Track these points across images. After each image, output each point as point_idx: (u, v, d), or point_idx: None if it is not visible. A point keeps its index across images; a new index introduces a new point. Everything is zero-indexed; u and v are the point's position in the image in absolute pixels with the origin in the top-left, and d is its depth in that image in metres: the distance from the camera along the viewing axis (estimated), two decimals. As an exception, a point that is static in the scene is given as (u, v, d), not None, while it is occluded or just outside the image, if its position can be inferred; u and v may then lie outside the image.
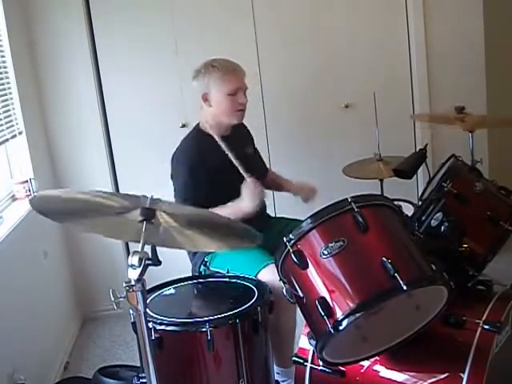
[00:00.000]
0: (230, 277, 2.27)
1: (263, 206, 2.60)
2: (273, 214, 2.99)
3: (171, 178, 2.52)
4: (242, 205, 2.31)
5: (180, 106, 3.41)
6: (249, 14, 3.41)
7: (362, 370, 1.85)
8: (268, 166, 2.96)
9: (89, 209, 1.60)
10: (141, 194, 1.58)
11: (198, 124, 2.55)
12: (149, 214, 1.53)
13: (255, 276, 2.26)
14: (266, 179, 2.76)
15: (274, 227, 2.57)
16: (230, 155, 2.35)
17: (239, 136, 2.62)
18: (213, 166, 2.40)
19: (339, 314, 1.59)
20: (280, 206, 3.34)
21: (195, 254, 2.51)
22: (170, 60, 3.41)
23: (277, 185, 2.81)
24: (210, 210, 2.08)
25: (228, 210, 2.22)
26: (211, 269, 2.44)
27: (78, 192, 1.70)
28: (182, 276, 2.27)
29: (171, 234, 1.61)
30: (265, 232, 2.13)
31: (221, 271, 2.40)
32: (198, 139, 2.49)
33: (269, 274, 2.20)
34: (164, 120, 3.46)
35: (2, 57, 2.95)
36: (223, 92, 2.42)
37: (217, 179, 2.39)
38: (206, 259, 2.46)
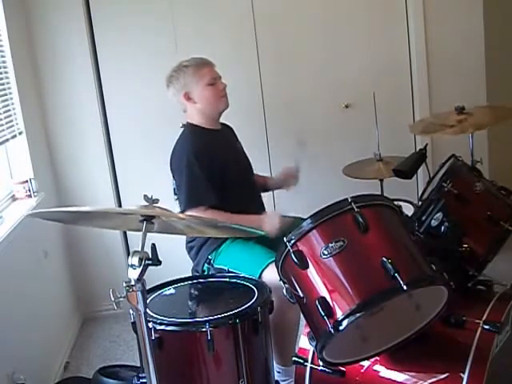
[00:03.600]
0: (230, 277, 2.26)
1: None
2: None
3: (173, 177, 2.51)
4: (258, 223, 2.30)
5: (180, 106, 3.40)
6: (249, 14, 3.41)
7: (362, 370, 1.85)
8: (268, 165, 2.96)
9: (91, 215, 1.62)
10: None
11: (188, 123, 2.57)
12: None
13: (259, 274, 2.26)
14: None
15: None
16: None
17: (228, 132, 2.70)
18: (217, 155, 2.45)
19: (339, 314, 1.59)
20: (280, 205, 3.34)
21: (198, 253, 2.51)
22: (171, 58, 3.39)
23: (262, 185, 2.80)
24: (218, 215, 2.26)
25: (240, 219, 2.25)
26: (215, 267, 2.44)
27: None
28: (182, 276, 2.27)
29: (173, 225, 1.61)
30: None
31: (225, 268, 2.41)
32: (196, 133, 2.51)
33: (273, 273, 2.20)
34: (164, 119, 3.45)
35: (2, 57, 2.95)
36: (203, 83, 2.49)
37: (224, 170, 2.44)
38: (209, 257, 2.46)
